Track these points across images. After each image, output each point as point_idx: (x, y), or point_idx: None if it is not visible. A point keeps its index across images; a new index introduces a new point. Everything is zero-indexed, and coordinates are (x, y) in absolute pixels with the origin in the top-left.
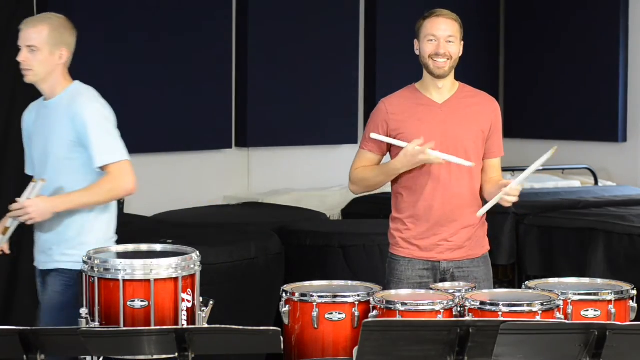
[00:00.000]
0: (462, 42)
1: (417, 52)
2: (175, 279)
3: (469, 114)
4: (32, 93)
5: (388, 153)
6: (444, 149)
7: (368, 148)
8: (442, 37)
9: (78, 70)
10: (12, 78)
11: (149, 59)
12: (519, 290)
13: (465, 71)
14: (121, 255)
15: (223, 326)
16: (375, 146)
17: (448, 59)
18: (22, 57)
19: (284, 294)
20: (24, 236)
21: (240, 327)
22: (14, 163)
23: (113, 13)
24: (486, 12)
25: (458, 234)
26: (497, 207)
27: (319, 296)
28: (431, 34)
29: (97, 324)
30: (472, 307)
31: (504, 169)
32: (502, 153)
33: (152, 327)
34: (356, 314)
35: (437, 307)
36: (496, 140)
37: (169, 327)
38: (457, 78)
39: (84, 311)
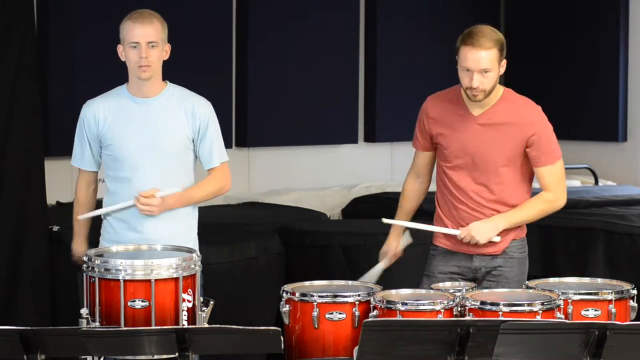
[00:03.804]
0: (505, 61)
1: (457, 68)
2: (176, 279)
3: (504, 128)
4: (33, 92)
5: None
6: (476, 163)
7: (416, 147)
8: (476, 69)
9: (78, 70)
10: (13, 78)
11: None
12: (520, 289)
13: None
14: (122, 255)
15: (223, 326)
16: (420, 143)
17: (482, 92)
18: None
19: (284, 294)
20: (26, 235)
21: (241, 327)
22: (14, 163)
23: (113, 13)
24: (486, 12)
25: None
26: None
27: (319, 296)
28: (465, 66)
29: (97, 324)
30: (473, 306)
31: None
32: (545, 163)
33: (153, 327)
34: (356, 313)
35: (438, 307)
36: (536, 150)
37: (170, 327)
38: (457, 78)
39: (84, 311)
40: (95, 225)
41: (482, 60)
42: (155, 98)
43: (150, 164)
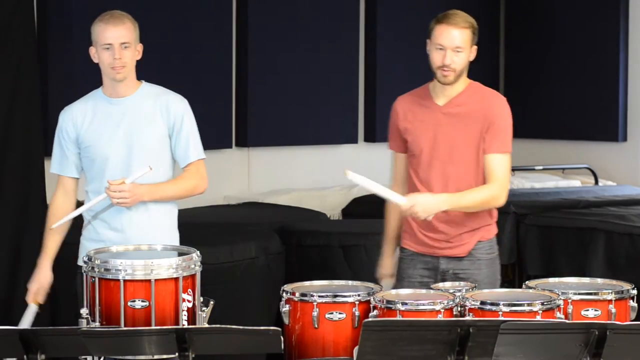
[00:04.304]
0: (475, 47)
1: (428, 52)
2: (176, 279)
3: (467, 116)
4: (33, 92)
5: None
6: (441, 154)
7: (391, 148)
8: (449, 47)
9: (78, 70)
10: (13, 77)
11: (148, 59)
12: (520, 289)
13: None
14: (121, 255)
15: (223, 326)
16: (395, 144)
17: (453, 71)
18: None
19: (284, 294)
20: (26, 235)
21: (241, 327)
22: (14, 163)
23: None
24: (486, 11)
25: (459, 236)
26: (499, 208)
27: (319, 296)
28: (439, 43)
29: (97, 324)
30: (473, 306)
31: None
32: (496, 150)
33: (153, 327)
34: (356, 313)
35: (438, 307)
36: (490, 134)
37: (169, 327)
38: None
39: (84, 311)
40: (77, 225)
41: (456, 38)
42: (130, 97)
43: (128, 163)
